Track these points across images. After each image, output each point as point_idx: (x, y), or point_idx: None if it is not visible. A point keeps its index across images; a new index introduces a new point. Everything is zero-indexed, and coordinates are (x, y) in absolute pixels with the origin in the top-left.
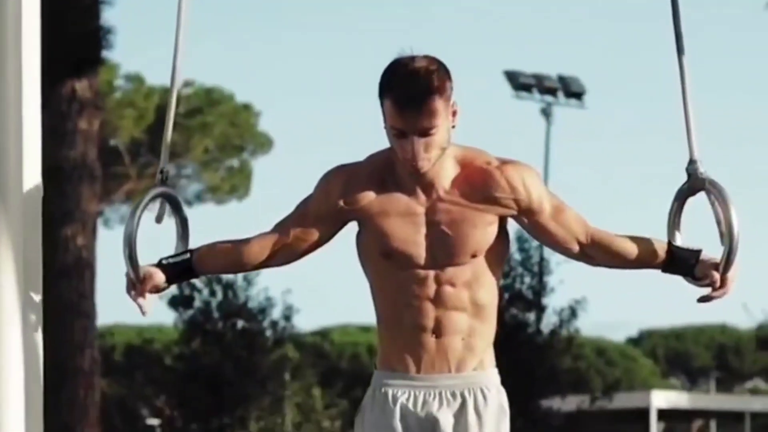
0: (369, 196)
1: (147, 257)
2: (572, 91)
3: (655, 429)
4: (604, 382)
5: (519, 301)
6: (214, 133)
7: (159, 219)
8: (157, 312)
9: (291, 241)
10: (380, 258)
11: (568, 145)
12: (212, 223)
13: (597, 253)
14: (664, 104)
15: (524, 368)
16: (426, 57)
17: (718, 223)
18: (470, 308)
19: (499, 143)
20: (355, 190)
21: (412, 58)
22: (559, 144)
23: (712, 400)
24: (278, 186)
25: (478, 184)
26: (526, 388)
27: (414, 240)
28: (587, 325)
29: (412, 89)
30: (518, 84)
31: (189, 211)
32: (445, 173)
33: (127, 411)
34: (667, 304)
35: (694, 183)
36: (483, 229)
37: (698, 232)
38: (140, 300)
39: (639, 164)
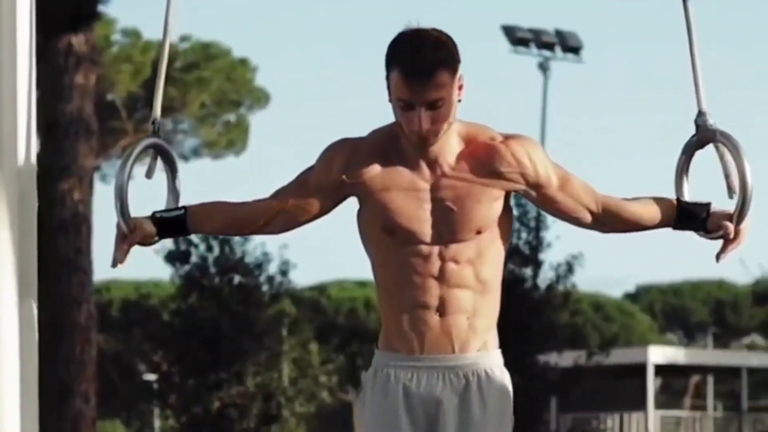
0: (372, 171)
1: (147, 209)
2: (569, 45)
3: (652, 384)
4: (601, 337)
5: (516, 257)
6: (211, 88)
7: (149, 173)
8: (153, 267)
9: (288, 210)
10: (383, 234)
11: (566, 100)
12: (209, 178)
13: (608, 219)
14: (661, 59)
15: (521, 324)
16: (434, 29)
17: (727, 176)
18: (474, 286)
19: (497, 98)
20: (358, 164)
21: (420, 30)
22: (557, 99)
23: (709, 355)
24: (275, 141)
25: (483, 159)
26: (523, 344)
27: (418, 216)
28: (584, 281)
29: (420, 60)
30: (515, 39)
31: (186, 166)
32: (449, 149)
33: (123, 366)
34: (665, 259)
35: (704, 135)
36: (488, 205)
37: (696, 187)
38: (122, 248)
39: (636, 119)
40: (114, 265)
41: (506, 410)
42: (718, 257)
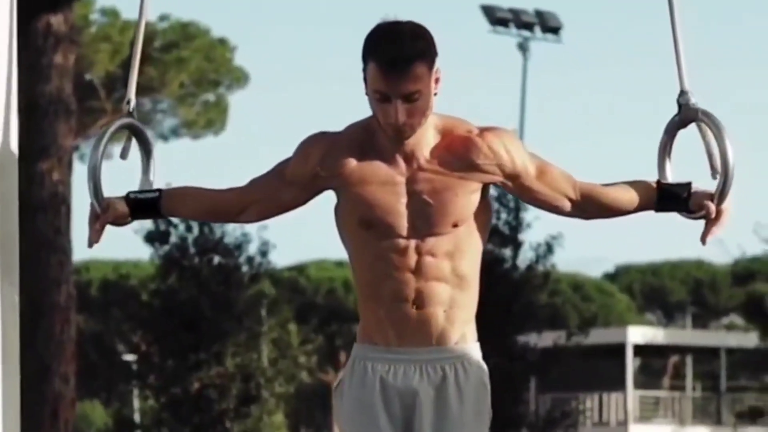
0: (349, 165)
1: (124, 189)
2: (549, 25)
3: (631, 364)
4: (580, 317)
5: (495, 237)
6: (190, 68)
7: (124, 154)
8: (133, 247)
9: (262, 200)
10: (359, 228)
11: (545, 80)
12: (188, 158)
13: (588, 206)
14: (641, 39)
15: (501, 304)
16: (411, 22)
17: (710, 155)
18: (452, 279)
19: (476, 78)
20: (334, 157)
21: (397, 23)
22: (536, 79)
23: (687, 335)
24: (254, 120)
25: (460, 151)
26: (503, 324)
27: (395, 209)
28: (564, 261)
29: (396, 52)
30: (495, 19)
31: (165, 146)
32: (425, 142)
33: (103, 346)
34: (644, 239)
35: (686, 114)
36: (465, 198)
37: (679, 166)
38: (95, 228)
39: (615, 98)
40: (90, 245)
41: (483, 403)
42: (703, 239)
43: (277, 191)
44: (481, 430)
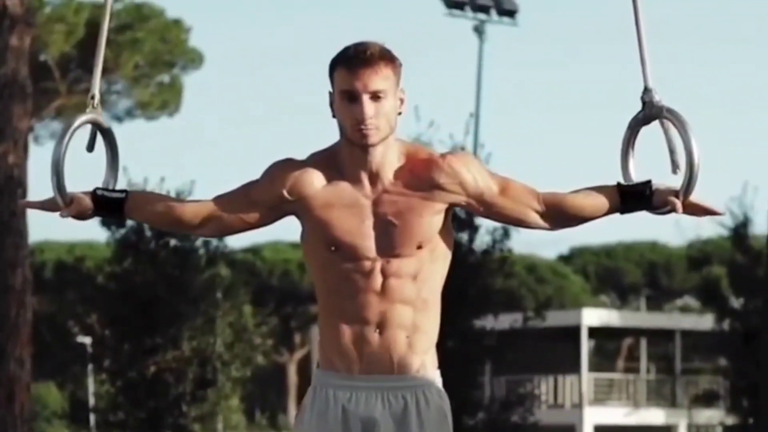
0: (314, 188)
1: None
2: (505, 8)
3: (586, 346)
4: (535, 299)
5: (452, 222)
6: (144, 49)
7: (90, 148)
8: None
9: (224, 216)
10: (325, 250)
11: (501, 64)
12: (143, 139)
13: (555, 215)
14: (597, 22)
15: (457, 288)
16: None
17: (672, 151)
18: (415, 302)
19: (432, 61)
20: (300, 181)
21: (363, 41)
22: (492, 62)
23: (642, 318)
24: (209, 102)
25: (423, 173)
26: (459, 308)
27: (360, 231)
28: (519, 243)
29: (363, 51)
30: (451, 2)
31: (119, 127)
32: (390, 164)
33: (57, 328)
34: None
35: (650, 111)
36: (429, 219)
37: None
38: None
39: (571, 82)
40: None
41: (444, 431)
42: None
43: (240, 210)
44: None
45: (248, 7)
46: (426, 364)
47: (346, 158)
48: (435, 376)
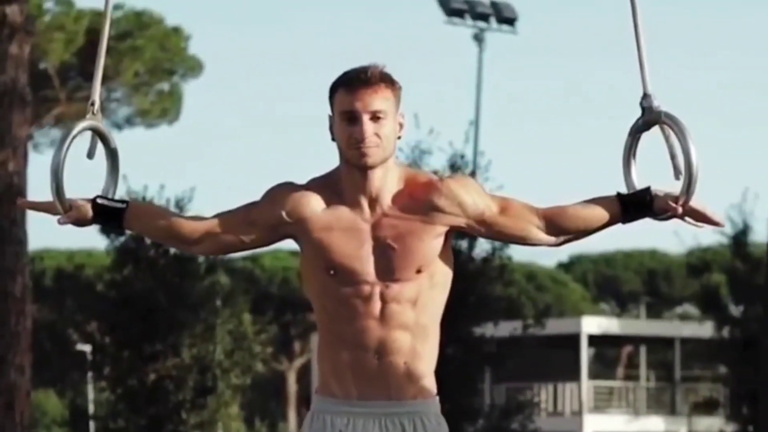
0: (313, 211)
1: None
2: (504, 16)
3: (586, 354)
4: (535, 308)
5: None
6: (144, 57)
7: (90, 154)
8: (88, 237)
9: (222, 234)
10: (324, 274)
11: (500, 71)
12: (142, 147)
13: (557, 229)
14: (597, 30)
15: (457, 295)
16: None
17: (673, 157)
18: (414, 328)
19: (432, 69)
20: (299, 204)
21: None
22: (491, 70)
23: (642, 325)
24: (208, 110)
25: (422, 196)
26: (459, 315)
27: (359, 255)
28: (518, 251)
29: (364, 73)
30: (450, 9)
31: (119, 135)
32: (389, 188)
33: (57, 336)
34: None
35: (650, 117)
36: (429, 243)
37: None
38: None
39: (570, 90)
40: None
41: None
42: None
43: (239, 229)
44: None
45: (248, 16)
46: (424, 391)
47: (345, 182)
48: (433, 403)
